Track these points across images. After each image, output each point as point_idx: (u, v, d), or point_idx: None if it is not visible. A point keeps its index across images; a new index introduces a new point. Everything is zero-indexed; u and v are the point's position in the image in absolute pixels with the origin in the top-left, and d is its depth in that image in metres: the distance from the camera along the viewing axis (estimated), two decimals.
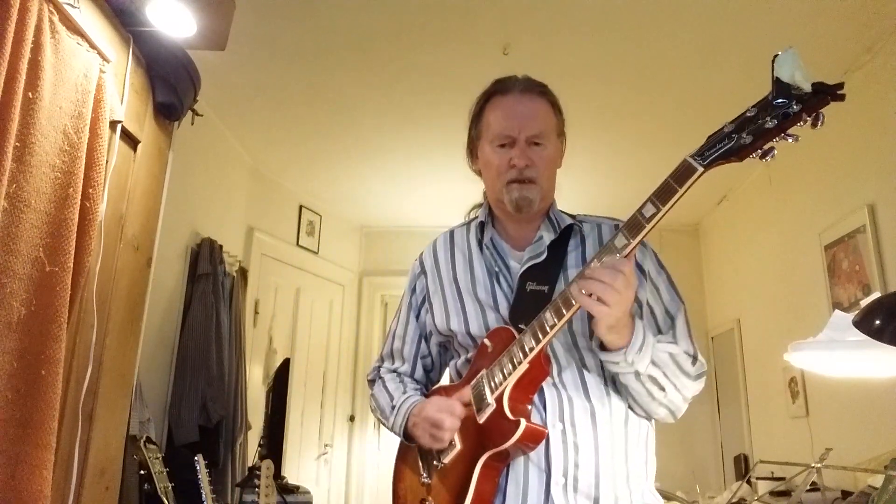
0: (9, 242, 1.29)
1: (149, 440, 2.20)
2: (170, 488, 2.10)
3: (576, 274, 1.10)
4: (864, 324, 1.28)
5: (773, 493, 2.60)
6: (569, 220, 1.26)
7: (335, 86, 3.01)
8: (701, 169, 0.90)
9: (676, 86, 2.91)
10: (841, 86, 0.83)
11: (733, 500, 2.61)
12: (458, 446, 1.14)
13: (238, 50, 2.55)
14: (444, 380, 1.37)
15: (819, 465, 1.76)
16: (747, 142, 0.88)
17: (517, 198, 1.19)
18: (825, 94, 0.83)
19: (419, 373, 1.37)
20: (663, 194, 0.94)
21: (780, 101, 0.84)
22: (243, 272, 3.58)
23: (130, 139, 1.80)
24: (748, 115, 0.88)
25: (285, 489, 2.94)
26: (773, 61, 0.84)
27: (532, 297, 1.15)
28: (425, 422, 1.15)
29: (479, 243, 1.29)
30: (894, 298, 1.36)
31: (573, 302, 1.00)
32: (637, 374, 1.06)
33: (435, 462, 1.18)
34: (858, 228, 2.63)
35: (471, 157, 1.32)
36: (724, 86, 2.83)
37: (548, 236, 1.23)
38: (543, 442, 1.09)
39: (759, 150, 0.88)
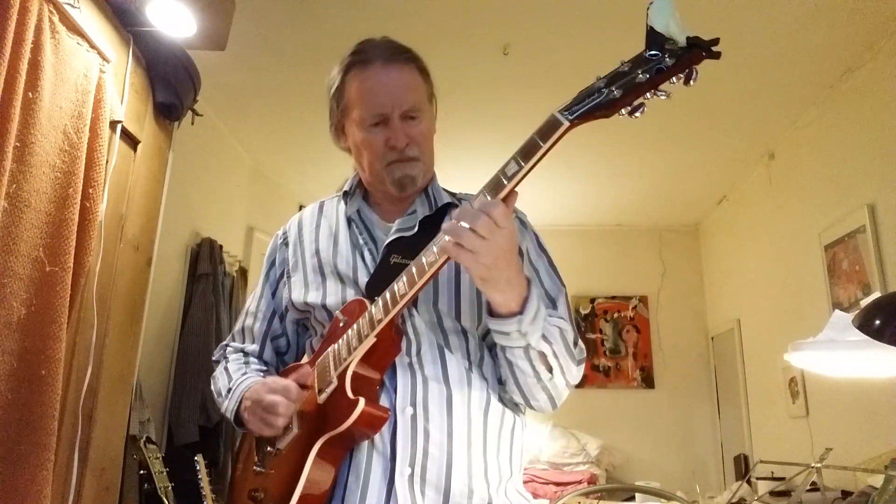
0: (9, 242, 1.29)
1: (149, 440, 2.20)
2: (170, 488, 2.10)
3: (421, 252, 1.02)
4: (864, 324, 1.28)
5: (773, 493, 2.60)
6: (447, 198, 1.16)
7: None
8: (567, 123, 0.83)
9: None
10: (716, 41, 0.78)
11: (733, 500, 2.61)
12: (295, 430, 1.02)
13: (238, 50, 2.55)
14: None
15: (819, 465, 1.76)
16: (616, 96, 0.82)
17: (400, 177, 1.09)
18: (700, 48, 0.78)
19: (268, 353, 1.22)
20: (527, 151, 0.86)
21: (652, 53, 0.80)
22: (243, 272, 3.58)
23: (130, 139, 1.80)
24: (621, 69, 0.83)
25: None
26: (647, 10, 0.79)
27: (395, 270, 1.02)
28: (257, 405, 1.02)
29: (347, 215, 1.18)
30: (894, 298, 1.36)
31: (426, 269, 0.91)
32: (528, 347, 0.95)
33: (269, 448, 1.06)
34: (858, 228, 2.63)
35: (336, 134, 1.21)
36: (725, 85, 2.83)
37: (422, 210, 1.13)
38: (389, 428, 0.98)
39: (629, 106, 0.83)
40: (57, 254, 1.39)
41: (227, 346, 1.26)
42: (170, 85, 1.90)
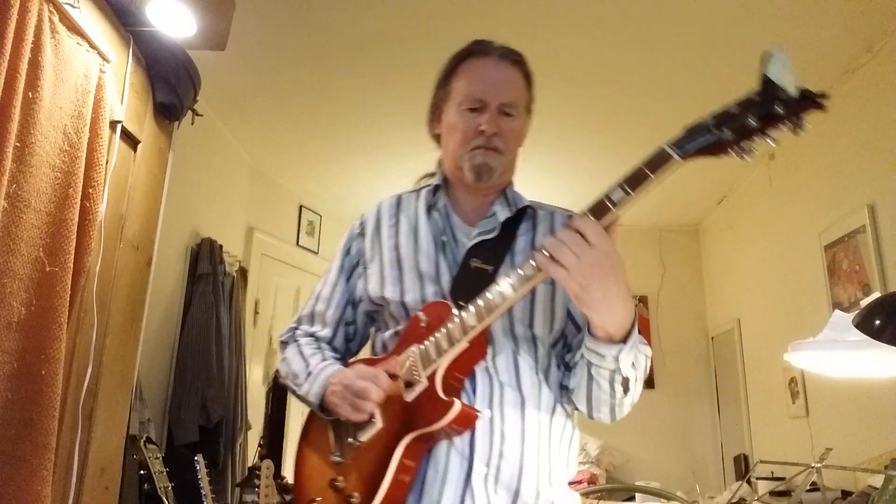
0: (9, 242, 1.29)
1: (149, 440, 2.20)
2: (170, 488, 2.10)
3: (523, 259, 1.05)
4: (864, 324, 1.28)
5: (773, 493, 2.60)
6: (526, 202, 1.21)
7: (335, 86, 3.01)
8: (678, 159, 0.88)
9: (676, 86, 2.92)
10: (825, 95, 0.81)
11: (733, 500, 2.62)
12: (379, 424, 1.05)
13: (238, 50, 2.55)
14: (365, 353, 1.27)
15: (819, 465, 1.76)
16: (728, 138, 0.85)
17: (479, 164, 1.12)
18: (810, 100, 0.81)
19: (339, 340, 1.25)
20: (635, 180, 0.91)
21: (764, 100, 0.82)
22: (243, 272, 3.58)
23: (130, 139, 1.80)
24: (731, 111, 0.86)
25: (285, 489, 2.94)
26: (762, 58, 0.82)
27: (476, 274, 1.08)
28: (347, 390, 1.05)
29: (429, 210, 1.20)
30: (894, 298, 1.36)
31: (525, 281, 0.94)
32: (616, 371, 0.98)
33: (350, 440, 1.08)
34: (858, 228, 2.63)
35: (432, 120, 1.25)
36: (725, 86, 2.83)
37: (502, 213, 1.17)
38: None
39: (739, 148, 0.85)
40: (57, 254, 1.40)
41: (295, 328, 1.28)
42: (170, 85, 1.90)
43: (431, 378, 1.02)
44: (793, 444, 3.21)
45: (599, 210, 0.92)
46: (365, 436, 1.06)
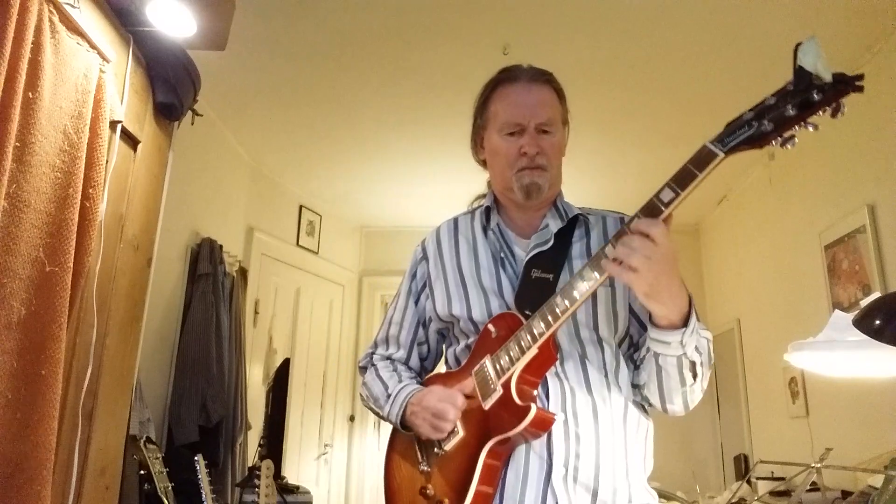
0: (9, 242, 1.29)
1: (149, 440, 2.20)
2: (170, 488, 2.10)
3: (581, 264, 1.09)
4: (864, 324, 1.28)
5: (773, 493, 2.60)
6: (576, 211, 1.26)
7: (335, 86, 3.01)
8: (722, 154, 0.91)
9: (676, 86, 2.91)
10: (861, 77, 0.84)
11: (733, 500, 2.61)
12: (461, 433, 1.12)
13: (238, 50, 2.55)
14: (440, 369, 1.34)
15: (819, 465, 1.76)
16: (768, 129, 0.87)
17: (528, 184, 1.18)
18: (846, 83, 0.84)
19: (414, 360, 1.34)
20: (682, 179, 0.95)
21: (800, 88, 0.85)
22: (243, 272, 3.58)
23: (130, 139, 1.80)
24: (768, 103, 0.89)
25: (285, 489, 2.94)
26: (795, 49, 0.86)
27: (537, 284, 1.14)
28: (426, 411, 1.13)
29: (484, 230, 1.27)
30: (894, 298, 1.36)
31: (586, 288, 0.99)
32: (682, 356, 1.04)
33: (435, 450, 1.16)
34: (858, 228, 2.63)
35: (475, 146, 1.32)
36: (724, 85, 2.83)
37: (554, 224, 1.22)
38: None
39: (780, 138, 0.88)
40: (57, 254, 1.39)
41: (372, 353, 1.37)
42: (170, 85, 1.90)
43: (506, 385, 1.07)
44: (793, 444, 3.21)
45: (651, 211, 0.96)
46: (448, 445, 1.13)
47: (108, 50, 1.63)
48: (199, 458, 2.16)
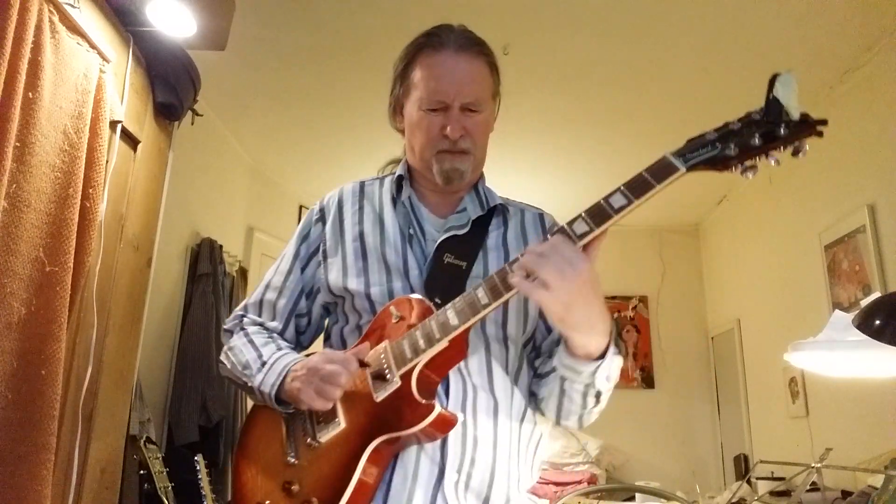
0: (9, 242, 1.29)
1: (149, 440, 2.20)
2: (170, 488, 2.10)
3: (496, 256, 1.04)
4: (864, 324, 1.28)
5: (773, 493, 2.60)
6: (498, 200, 1.15)
7: (335, 86, 3.01)
8: (683, 170, 0.86)
9: (676, 86, 2.92)
10: (824, 122, 0.83)
11: (733, 500, 2.61)
12: (343, 424, 0.97)
13: (238, 50, 2.55)
14: (317, 346, 1.18)
15: (819, 465, 1.76)
16: (732, 153, 0.84)
17: (448, 169, 1.07)
18: (810, 126, 0.82)
19: (290, 333, 1.16)
20: (637, 187, 0.87)
21: (768, 119, 0.83)
22: (243, 272, 3.58)
23: (130, 139, 1.80)
24: (733, 127, 0.85)
25: None
26: (772, 79, 0.83)
27: (449, 270, 1.03)
28: (313, 374, 0.97)
29: (394, 200, 1.14)
30: (894, 298, 1.36)
31: (509, 288, 0.88)
32: (590, 385, 0.96)
33: (308, 440, 1.00)
34: (858, 228, 2.63)
35: (393, 114, 1.17)
36: (724, 85, 2.83)
37: (473, 209, 1.11)
38: None
39: (741, 165, 0.85)
40: (57, 254, 1.39)
41: (242, 316, 1.18)
42: (170, 85, 1.90)
43: (406, 378, 0.94)
44: (793, 444, 3.21)
45: (598, 214, 0.88)
46: (325, 436, 0.98)
47: (108, 50, 1.63)
48: (199, 458, 2.15)
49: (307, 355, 1.08)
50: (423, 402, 0.93)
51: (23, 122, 1.31)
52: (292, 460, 1.01)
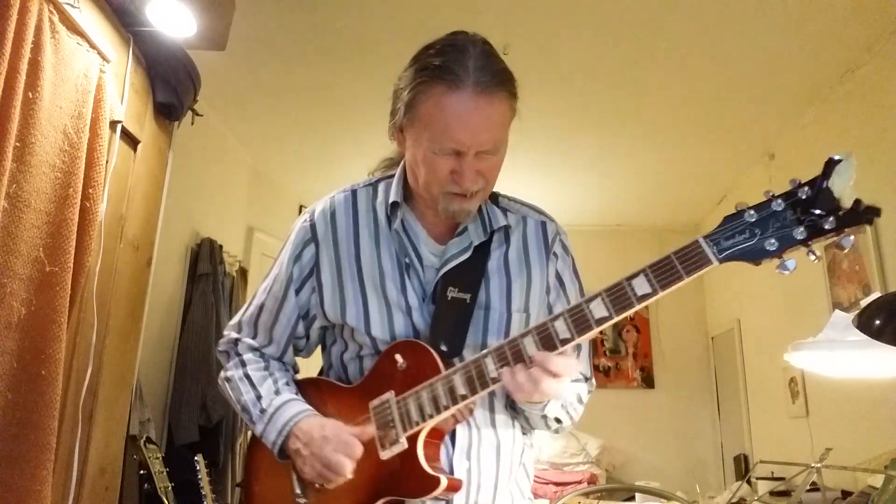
0: (9, 242, 1.29)
1: (149, 440, 2.20)
2: (170, 488, 2.10)
3: (498, 280, 1.03)
4: (864, 324, 1.28)
5: (773, 493, 2.60)
6: (502, 222, 1.07)
7: (335, 86, 3.01)
8: (716, 262, 0.81)
9: (676, 86, 2.91)
10: (878, 211, 0.74)
11: (733, 500, 2.61)
12: (349, 476, 0.96)
13: (238, 50, 2.55)
14: (316, 356, 1.19)
15: (819, 465, 1.76)
16: (772, 249, 0.79)
17: (456, 210, 0.99)
18: (862, 215, 0.75)
19: (289, 356, 1.14)
20: (665, 275, 0.82)
21: (815, 207, 0.75)
22: (243, 272, 3.58)
23: (130, 139, 1.80)
24: (775, 207, 0.79)
25: None
26: (828, 164, 0.75)
27: (453, 305, 0.99)
28: (316, 459, 0.95)
29: (389, 219, 1.07)
30: (894, 298, 1.36)
31: (525, 359, 0.88)
32: (545, 417, 1.01)
33: (317, 485, 1.00)
34: (858, 228, 2.63)
35: (393, 131, 1.06)
36: (724, 85, 2.83)
37: (475, 233, 1.05)
38: None
39: (780, 259, 0.79)
40: (57, 254, 1.39)
41: (237, 340, 1.13)
42: (170, 85, 1.90)
43: (413, 441, 0.94)
44: (793, 444, 3.21)
45: (622, 300, 0.84)
46: (332, 484, 0.97)
47: (108, 50, 1.63)
48: (199, 458, 2.15)
49: (308, 386, 1.09)
50: (431, 473, 0.92)
51: (23, 122, 1.31)
52: (301, 501, 1.01)
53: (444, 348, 0.96)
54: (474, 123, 0.93)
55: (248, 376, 1.08)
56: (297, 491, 1.02)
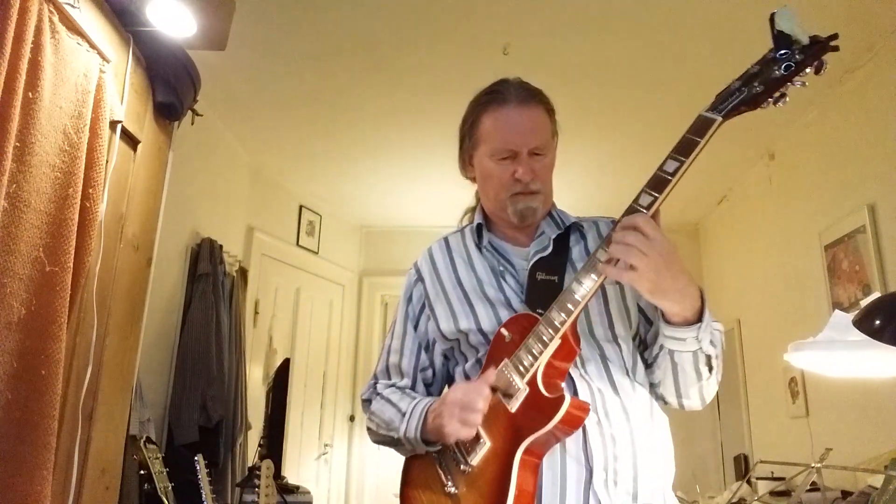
0: (9, 242, 1.29)
1: (149, 440, 2.20)
2: (170, 488, 2.10)
3: (582, 265, 1.07)
4: (864, 324, 1.28)
5: (773, 493, 2.60)
6: (572, 219, 1.26)
7: (335, 86, 3.01)
8: (719, 119, 0.95)
9: (676, 85, 2.91)
10: (835, 36, 0.90)
11: (733, 500, 2.61)
12: (488, 443, 1.04)
13: (238, 50, 2.55)
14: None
15: (819, 465, 1.76)
16: (759, 90, 0.93)
17: (522, 208, 1.18)
18: (822, 43, 0.90)
19: (420, 388, 1.27)
20: (684, 149, 0.96)
21: (782, 53, 0.91)
22: (243, 272, 3.58)
23: (130, 139, 1.80)
24: (752, 70, 0.95)
25: (285, 489, 2.94)
26: (771, 18, 0.91)
27: (544, 285, 1.12)
28: (452, 406, 1.05)
29: (478, 246, 1.25)
30: (894, 298, 1.36)
31: (598, 276, 0.97)
32: (698, 351, 1.02)
33: (462, 467, 1.07)
34: (858, 228, 2.63)
35: (464, 164, 1.29)
36: (725, 85, 2.83)
37: (550, 230, 1.22)
38: (581, 433, 1.02)
39: (772, 98, 0.93)
40: (57, 254, 1.39)
41: (374, 384, 1.31)
42: (170, 85, 1.90)
43: (532, 383, 1.02)
44: (793, 444, 3.21)
45: (658, 183, 0.97)
46: (475, 458, 1.05)
47: (108, 50, 1.63)
48: (199, 458, 2.16)
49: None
50: (553, 396, 0.99)
51: (23, 122, 1.31)
52: (451, 489, 1.09)
53: (539, 311, 1.06)
54: (521, 126, 1.16)
55: (388, 400, 1.24)
56: (446, 482, 1.10)
